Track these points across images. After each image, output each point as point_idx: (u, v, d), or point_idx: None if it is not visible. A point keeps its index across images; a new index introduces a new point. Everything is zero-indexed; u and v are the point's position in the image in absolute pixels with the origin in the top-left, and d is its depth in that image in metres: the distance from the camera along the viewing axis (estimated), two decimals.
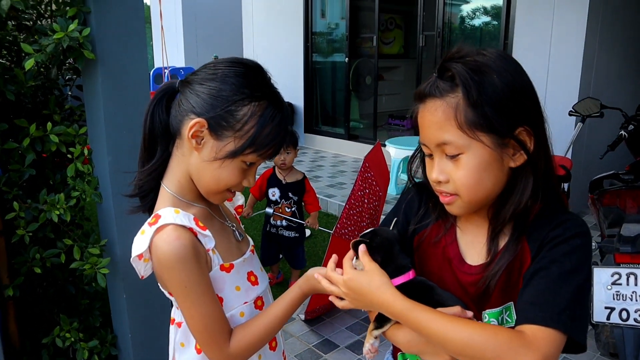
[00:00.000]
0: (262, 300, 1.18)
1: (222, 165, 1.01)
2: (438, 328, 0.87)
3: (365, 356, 1.03)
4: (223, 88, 0.98)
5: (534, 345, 0.82)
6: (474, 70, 0.87)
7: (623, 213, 2.28)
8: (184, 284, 0.99)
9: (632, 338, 2.08)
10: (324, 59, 7.78)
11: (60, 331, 1.94)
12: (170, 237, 0.97)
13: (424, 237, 1.07)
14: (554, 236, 0.91)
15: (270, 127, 1.00)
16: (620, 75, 5.16)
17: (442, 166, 0.93)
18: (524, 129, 0.89)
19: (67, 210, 1.77)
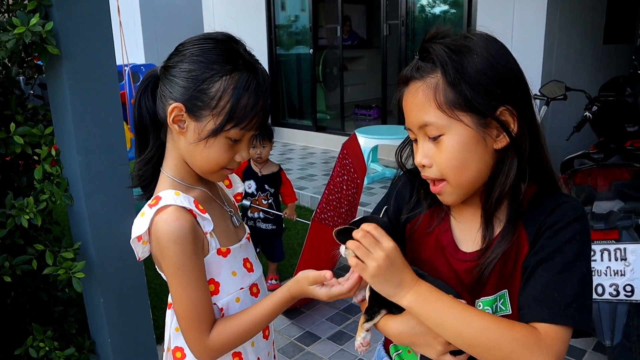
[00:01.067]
0: (257, 287, 1.18)
1: (207, 145, 1.01)
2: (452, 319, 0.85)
3: (358, 350, 1.01)
4: (192, 68, 0.98)
5: (546, 345, 0.82)
6: (452, 50, 0.87)
7: (594, 191, 2.34)
8: (177, 265, 0.99)
9: (607, 312, 2.14)
10: (288, 51, 7.72)
11: (34, 341, 1.86)
12: (170, 218, 0.98)
13: (417, 226, 1.05)
14: (552, 222, 0.90)
15: (246, 97, 0.98)
16: (580, 58, 5.30)
17: (425, 149, 0.93)
18: (506, 108, 0.88)
19: (37, 214, 1.69)
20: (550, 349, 0.82)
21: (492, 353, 0.83)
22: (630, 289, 2.08)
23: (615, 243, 2.13)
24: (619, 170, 2.33)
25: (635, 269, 2.07)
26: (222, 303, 1.10)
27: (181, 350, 1.15)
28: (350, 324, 2.96)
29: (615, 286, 2.10)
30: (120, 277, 1.92)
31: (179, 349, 1.15)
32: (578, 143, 4.36)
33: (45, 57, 1.61)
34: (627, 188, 2.29)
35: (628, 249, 2.10)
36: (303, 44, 7.43)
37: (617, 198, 2.28)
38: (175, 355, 1.16)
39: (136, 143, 1.12)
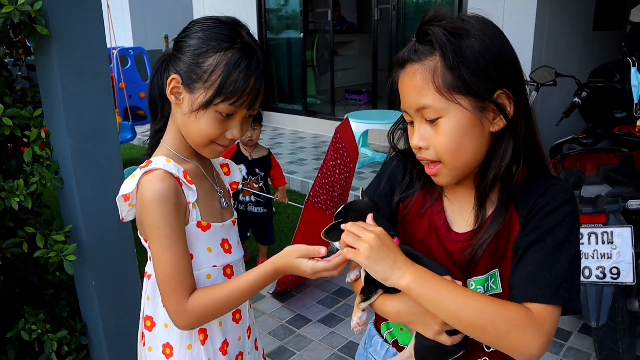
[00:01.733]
0: (232, 269, 1.19)
1: (197, 117, 1.05)
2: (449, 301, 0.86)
3: (354, 330, 1.02)
4: (192, 43, 1.04)
5: (539, 324, 0.85)
6: (451, 33, 0.87)
7: (583, 176, 2.36)
8: (157, 225, 1.02)
9: (593, 294, 2.17)
10: (278, 35, 7.67)
11: (26, 323, 1.86)
12: (156, 179, 1.02)
13: (410, 206, 1.06)
14: (543, 204, 0.92)
15: (236, 74, 1.01)
16: (569, 44, 5.32)
17: (422, 132, 0.93)
18: (503, 92, 0.89)
19: (27, 196, 1.68)
20: (542, 328, 0.84)
21: (488, 332, 0.85)
22: (616, 272, 2.11)
23: (602, 226, 2.16)
24: (607, 155, 2.35)
25: (621, 252, 2.11)
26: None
27: (150, 319, 1.17)
28: (340, 306, 2.99)
29: (602, 269, 2.13)
30: (111, 259, 1.92)
31: (149, 318, 1.18)
32: (567, 129, 4.39)
33: (34, 37, 1.58)
34: (615, 173, 2.32)
35: (614, 232, 2.13)
36: (293, 28, 7.37)
37: (605, 182, 2.31)
38: (145, 323, 1.19)
39: (151, 115, 1.21)
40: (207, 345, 1.16)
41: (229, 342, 1.20)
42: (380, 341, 1.14)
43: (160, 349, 1.16)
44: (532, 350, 0.84)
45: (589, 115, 3.31)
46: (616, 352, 2.23)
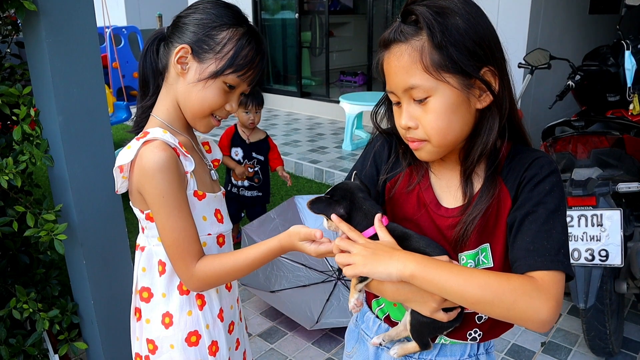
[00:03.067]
0: (224, 239, 1.23)
1: (205, 86, 1.09)
2: (453, 281, 0.87)
3: (352, 311, 1.03)
4: (204, 17, 1.09)
5: (545, 289, 0.85)
6: (437, 13, 0.87)
7: (574, 158, 2.37)
8: (162, 194, 1.04)
9: (582, 276, 2.19)
10: (273, 16, 7.59)
11: (17, 303, 1.86)
12: (157, 149, 1.04)
13: (397, 185, 1.07)
14: (531, 176, 0.94)
15: (248, 49, 1.09)
16: (565, 27, 5.29)
17: (410, 112, 0.93)
18: (489, 69, 0.90)
19: (16, 175, 1.67)
20: (548, 293, 0.85)
21: (496, 306, 0.86)
22: (605, 254, 2.13)
23: (592, 209, 2.17)
24: (599, 138, 2.36)
25: (610, 235, 2.13)
26: None
27: (148, 290, 1.18)
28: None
29: (591, 251, 2.15)
30: (102, 239, 1.92)
31: (146, 289, 1.19)
32: (561, 112, 4.39)
33: (22, 13, 1.56)
34: (606, 156, 2.32)
35: (604, 215, 2.14)
36: (288, 9, 7.30)
37: (596, 165, 2.31)
38: (142, 295, 1.19)
39: (139, 93, 1.22)
40: (205, 311, 1.19)
41: (223, 310, 1.24)
42: (372, 317, 1.15)
43: (160, 319, 1.18)
44: (542, 316, 0.84)
45: (582, 99, 3.31)
46: (604, 334, 2.26)
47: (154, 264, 1.16)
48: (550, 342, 2.53)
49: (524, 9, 4.64)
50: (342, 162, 4.89)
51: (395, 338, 1.09)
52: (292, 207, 3.09)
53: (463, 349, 1.08)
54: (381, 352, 1.14)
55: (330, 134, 6.05)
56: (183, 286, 1.16)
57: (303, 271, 2.62)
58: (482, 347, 1.09)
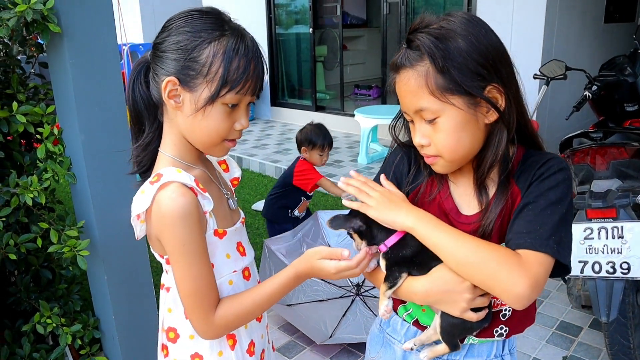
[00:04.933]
0: (249, 271, 1.19)
1: (205, 114, 0.99)
2: (447, 240, 0.94)
3: (382, 317, 1.08)
4: (180, 39, 0.98)
5: (526, 266, 0.90)
6: (437, 38, 0.92)
7: (593, 170, 2.35)
8: (182, 242, 0.98)
9: (604, 289, 2.17)
10: (287, 30, 7.66)
11: (41, 317, 1.89)
12: (175, 194, 0.96)
13: (419, 195, 1.10)
14: (540, 174, 0.99)
15: (237, 60, 0.97)
16: (580, 38, 5.27)
17: (422, 131, 0.99)
18: (493, 86, 0.93)
19: (41, 192, 1.70)
20: (529, 271, 0.90)
21: (480, 271, 0.92)
22: (627, 267, 2.10)
23: (612, 221, 2.15)
24: (618, 149, 2.34)
25: (631, 247, 2.10)
26: None
27: (174, 331, 1.14)
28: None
29: (612, 264, 2.12)
30: (123, 255, 1.94)
31: (172, 330, 1.14)
32: (577, 123, 4.36)
33: (47, 35, 1.60)
34: (625, 167, 2.30)
35: (625, 227, 2.12)
36: (302, 23, 7.37)
37: (615, 177, 2.29)
38: (169, 335, 1.15)
39: (132, 130, 1.12)
40: (237, 350, 1.15)
41: (254, 342, 1.20)
42: (400, 320, 1.18)
43: (188, 359, 1.14)
44: (518, 290, 0.89)
45: (600, 109, 3.28)
46: (627, 348, 2.22)
47: (179, 305, 1.10)
48: (572, 356, 2.49)
49: (539, 20, 4.64)
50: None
51: (426, 342, 1.12)
52: (315, 222, 3.09)
53: (489, 349, 1.12)
54: (409, 355, 1.17)
55: (346, 148, 6.06)
56: None
57: (322, 285, 2.62)
58: (506, 347, 1.13)
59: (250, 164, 5.66)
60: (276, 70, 7.78)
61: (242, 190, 4.94)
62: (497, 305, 1.07)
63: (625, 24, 5.99)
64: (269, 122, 7.77)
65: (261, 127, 7.40)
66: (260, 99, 7.85)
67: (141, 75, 1.05)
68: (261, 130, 7.22)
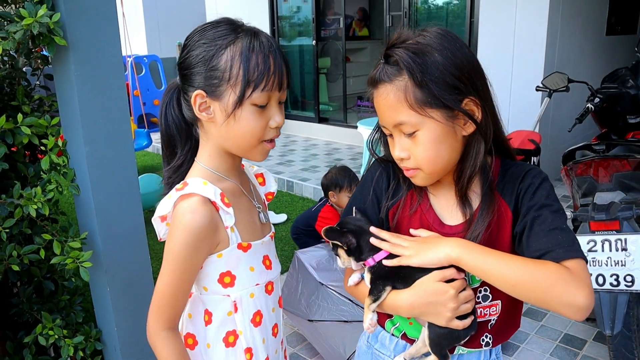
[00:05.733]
0: (272, 285, 1.19)
1: (236, 119, 1.01)
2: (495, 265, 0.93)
3: (367, 332, 1.06)
4: (198, 52, 1.00)
5: (577, 275, 0.90)
6: (415, 53, 0.94)
7: (596, 182, 2.35)
8: (177, 253, 1.01)
9: (608, 301, 2.16)
10: (290, 42, 7.71)
11: (43, 329, 1.89)
12: (190, 208, 1.00)
13: (400, 209, 1.11)
14: (527, 186, 1.02)
15: (255, 58, 0.98)
16: (582, 50, 5.29)
17: (402, 144, 1.00)
18: (470, 99, 0.96)
19: (44, 204, 1.71)
20: (582, 281, 0.90)
21: (533, 289, 0.91)
22: (631, 279, 2.09)
23: (616, 234, 2.14)
24: (621, 161, 2.34)
25: (635, 260, 2.09)
26: (235, 296, 1.11)
27: (193, 337, 1.16)
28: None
29: (616, 276, 2.12)
30: (126, 266, 1.94)
31: (191, 336, 1.16)
32: (580, 135, 4.37)
33: (53, 48, 1.62)
34: (628, 179, 2.30)
35: (629, 239, 2.11)
36: (305, 35, 7.42)
37: (618, 189, 2.29)
38: (187, 341, 1.17)
39: (164, 153, 1.16)
40: None
41: (269, 357, 1.21)
42: (388, 336, 1.18)
43: None
44: (579, 301, 0.88)
45: (602, 121, 3.29)
46: None
47: (200, 311, 1.14)
48: None
49: (541, 32, 4.66)
50: None
51: (415, 355, 1.12)
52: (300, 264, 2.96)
53: (477, 357, 1.13)
54: None
55: (349, 159, 6.07)
56: (230, 337, 1.14)
57: (349, 306, 2.54)
58: (493, 354, 1.15)
59: None
60: None
61: None
62: (483, 315, 1.08)
63: (627, 36, 6.01)
64: None
65: None
66: None
67: (173, 99, 1.09)
68: None
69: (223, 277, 1.10)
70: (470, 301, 1.01)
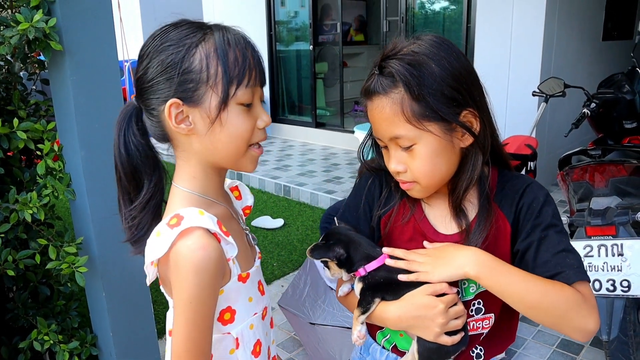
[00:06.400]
0: (266, 310, 1.10)
1: (222, 123, 0.89)
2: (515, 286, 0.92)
3: (355, 343, 1.05)
4: (164, 58, 0.87)
5: (587, 300, 0.91)
6: (411, 65, 0.91)
7: (592, 187, 2.36)
8: (190, 299, 0.87)
9: (604, 307, 2.16)
10: (287, 47, 7.73)
11: (38, 334, 1.88)
12: (196, 245, 0.85)
13: (392, 218, 1.09)
14: (530, 202, 1.00)
15: (232, 52, 0.88)
16: (578, 55, 5.31)
17: (398, 158, 0.97)
18: (468, 111, 0.94)
19: (40, 209, 1.71)
20: (591, 305, 0.91)
21: (550, 313, 0.91)
22: (627, 284, 2.10)
23: (612, 239, 2.14)
24: (616, 166, 2.34)
25: (631, 265, 2.09)
26: (236, 332, 1.01)
27: None
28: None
29: (612, 281, 2.12)
30: (122, 271, 1.94)
31: None
32: (577, 139, 4.38)
33: (49, 53, 1.62)
34: (624, 184, 2.31)
35: (625, 244, 2.11)
36: (303, 40, 7.43)
37: (614, 194, 2.30)
38: None
39: (123, 191, 0.97)
40: None
41: None
42: (378, 348, 1.15)
43: None
44: (590, 326, 0.90)
45: (599, 126, 3.30)
46: None
47: None
48: None
49: (537, 37, 4.67)
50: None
51: None
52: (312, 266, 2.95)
53: None
54: None
55: (346, 164, 6.07)
56: None
57: None
58: None
59: (250, 180, 5.67)
60: (276, 86, 7.83)
61: None
62: (476, 329, 1.05)
63: (623, 42, 6.04)
64: (269, 138, 7.78)
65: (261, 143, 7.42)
66: None
67: (132, 124, 0.93)
68: None
69: (223, 314, 0.98)
70: (462, 317, 0.98)
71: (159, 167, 0.97)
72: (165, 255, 0.87)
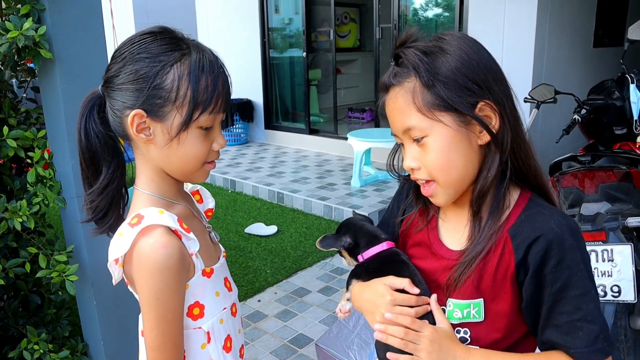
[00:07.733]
0: (235, 306, 1.13)
1: (180, 142, 0.92)
2: None
3: (337, 315, 1.12)
4: (138, 68, 0.90)
5: None
6: (424, 53, 0.88)
7: (582, 193, 2.37)
8: (156, 295, 0.91)
9: None
10: (281, 54, 7.75)
11: (28, 343, 1.87)
12: (157, 243, 0.89)
13: (409, 223, 1.10)
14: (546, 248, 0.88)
15: (204, 78, 0.91)
16: (569, 62, 5.36)
17: (412, 153, 0.94)
18: (486, 104, 0.88)
19: (30, 217, 1.70)
20: None
21: None
22: (617, 290, 2.10)
23: (602, 244, 2.15)
24: (606, 172, 2.36)
25: (622, 270, 2.10)
26: (207, 326, 1.03)
27: None
28: None
29: (603, 287, 2.12)
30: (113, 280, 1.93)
31: None
32: (569, 145, 4.40)
33: (39, 60, 1.62)
34: (614, 190, 2.32)
35: (615, 250, 2.12)
36: (296, 47, 7.46)
37: (604, 200, 2.31)
38: None
39: (84, 174, 1.01)
40: None
41: None
42: None
43: None
44: None
45: (589, 132, 3.32)
46: None
47: None
48: None
49: (528, 44, 4.72)
50: (351, 199, 4.91)
51: None
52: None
53: None
54: None
55: (339, 171, 6.07)
56: None
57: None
58: None
59: (243, 187, 5.66)
60: (270, 93, 7.84)
61: (235, 214, 4.93)
62: None
63: (613, 49, 6.10)
64: (262, 145, 7.80)
65: (255, 150, 7.42)
66: (254, 122, 7.90)
67: (93, 112, 0.97)
68: (255, 153, 7.24)
69: (192, 309, 1.01)
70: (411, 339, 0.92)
71: (119, 154, 1.01)
72: (128, 254, 0.91)
